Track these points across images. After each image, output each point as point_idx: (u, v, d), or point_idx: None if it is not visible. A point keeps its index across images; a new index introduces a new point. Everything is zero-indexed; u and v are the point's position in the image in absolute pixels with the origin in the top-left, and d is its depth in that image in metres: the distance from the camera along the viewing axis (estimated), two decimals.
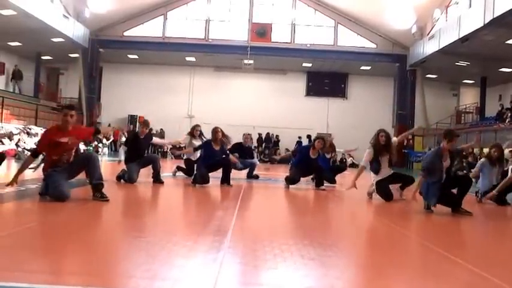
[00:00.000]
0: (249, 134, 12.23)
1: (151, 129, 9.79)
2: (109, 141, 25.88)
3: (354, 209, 6.75)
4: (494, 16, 16.87)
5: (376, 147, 7.45)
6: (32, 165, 6.21)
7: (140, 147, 8.95)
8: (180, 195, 8.05)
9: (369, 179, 7.70)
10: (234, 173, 10.90)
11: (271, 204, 7.46)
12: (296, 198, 8.10)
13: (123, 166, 8.86)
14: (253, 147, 27.88)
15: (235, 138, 11.91)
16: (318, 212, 7.00)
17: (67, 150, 5.66)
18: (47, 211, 5.24)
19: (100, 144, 24.30)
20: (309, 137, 23.75)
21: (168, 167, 11.00)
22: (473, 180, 7.12)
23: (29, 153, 16.03)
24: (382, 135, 7.42)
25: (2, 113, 19.96)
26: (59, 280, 2.73)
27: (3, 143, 16.59)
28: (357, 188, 7.48)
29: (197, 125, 10.95)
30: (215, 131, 9.15)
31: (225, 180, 8.77)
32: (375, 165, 7.51)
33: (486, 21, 17.55)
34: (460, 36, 19.92)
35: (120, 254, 3.46)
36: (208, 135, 9.87)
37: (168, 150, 22.53)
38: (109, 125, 28.68)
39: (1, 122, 19.27)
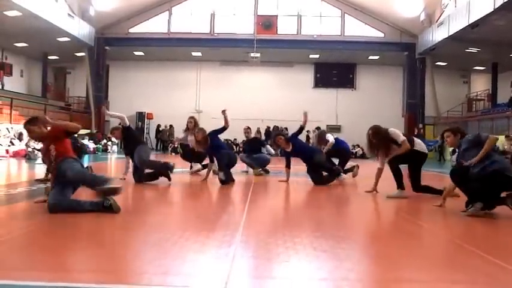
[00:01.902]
0: (247, 127, 11.90)
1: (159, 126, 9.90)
2: (118, 140, 25.92)
3: (367, 202, 6.67)
4: (505, 0, 16.59)
5: (368, 146, 7.18)
6: None
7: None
8: (190, 190, 8.02)
9: (375, 168, 7.41)
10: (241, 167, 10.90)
11: (282, 197, 7.40)
12: (308, 191, 8.03)
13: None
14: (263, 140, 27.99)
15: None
16: (329, 205, 6.94)
17: (51, 155, 5.06)
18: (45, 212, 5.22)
19: (109, 143, 24.37)
20: (318, 128, 23.62)
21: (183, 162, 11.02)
22: None
23: (39, 152, 16.14)
24: (368, 133, 7.04)
25: (11, 113, 20.03)
26: (72, 278, 2.71)
27: (13, 144, 16.66)
28: (377, 191, 7.16)
29: (189, 117, 10.67)
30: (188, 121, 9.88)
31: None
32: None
33: (496, 6, 17.27)
34: (470, 22, 19.60)
35: (132, 250, 3.44)
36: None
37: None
38: (119, 124, 28.75)
39: (10, 123, 19.36)
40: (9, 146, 16.56)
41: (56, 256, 3.19)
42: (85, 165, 6.50)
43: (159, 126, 28.93)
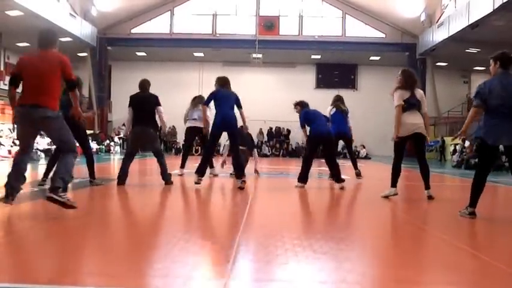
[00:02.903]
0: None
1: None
2: (120, 138, 26.00)
3: (367, 204, 6.72)
4: (504, 1, 16.62)
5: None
6: None
7: None
8: (189, 191, 8.07)
9: (377, 169, 7.50)
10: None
11: (282, 199, 7.41)
12: (307, 193, 8.06)
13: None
14: (260, 140, 28.16)
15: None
16: (329, 206, 6.99)
17: None
18: (56, 212, 5.28)
19: (112, 143, 24.44)
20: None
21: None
22: None
23: (42, 154, 16.20)
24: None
25: (13, 114, 20.11)
26: (72, 280, 2.74)
27: (16, 144, 16.73)
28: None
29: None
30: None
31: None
32: None
33: (496, 6, 17.30)
34: (470, 23, 19.65)
35: (132, 253, 3.48)
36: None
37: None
38: (123, 125, 28.79)
39: (13, 123, 19.40)
40: (11, 146, 16.63)
41: (55, 258, 3.24)
42: None
43: (161, 127, 28.91)
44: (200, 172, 7.69)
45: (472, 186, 5.12)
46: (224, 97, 7.96)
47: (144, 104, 8.11)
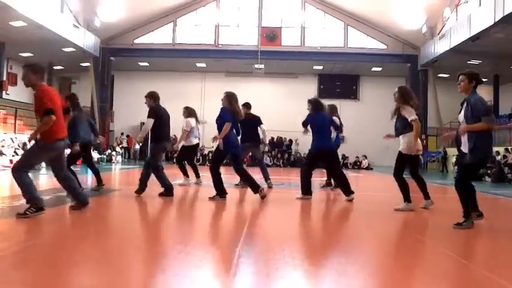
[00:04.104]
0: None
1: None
2: (122, 148, 26.07)
3: (369, 216, 6.71)
4: (505, 14, 16.73)
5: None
6: None
7: None
8: (190, 203, 8.08)
9: (382, 182, 7.54)
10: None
11: (283, 211, 7.39)
12: (309, 205, 8.04)
13: None
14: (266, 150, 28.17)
15: None
16: (330, 219, 6.99)
17: None
18: (52, 225, 5.30)
19: (114, 153, 24.48)
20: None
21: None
22: None
23: (43, 163, 16.22)
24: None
25: (15, 123, 20.19)
26: None
27: (17, 154, 16.78)
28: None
29: (184, 108, 11.03)
30: None
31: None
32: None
33: (497, 19, 17.42)
34: (471, 35, 19.79)
35: (132, 265, 3.50)
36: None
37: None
38: (122, 134, 28.90)
39: (15, 132, 19.49)
40: (13, 156, 16.68)
41: (56, 270, 3.24)
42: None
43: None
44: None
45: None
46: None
47: (168, 118, 8.26)
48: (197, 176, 10.54)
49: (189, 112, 10.78)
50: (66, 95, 8.87)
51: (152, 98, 8.27)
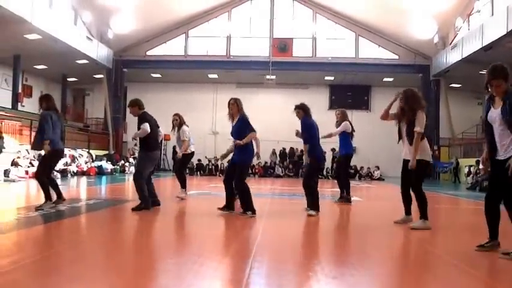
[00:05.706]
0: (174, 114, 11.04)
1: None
2: (134, 159, 26.19)
3: (383, 229, 6.69)
4: None
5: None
6: None
7: None
8: (202, 215, 8.12)
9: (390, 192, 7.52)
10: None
11: (296, 222, 7.39)
12: (320, 217, 8.03)
13: None
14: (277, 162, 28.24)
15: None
16: (342, 230, 6.99)
17: None
18: (65, 236, 5.37)
19: (127, 164, 24.64)
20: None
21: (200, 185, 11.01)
22: None
23: (58, 174, 16.45)
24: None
25: (30, 135, 20.41)
26: None
27: (33, 165, 16.95)
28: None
29: (174, 115, 10.71)
30: None
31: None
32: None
33: (509, 29, 17.36)
34: (483, 45, 19.70)
35: (147, 276, 3.55)
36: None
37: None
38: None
39: (30, 144, 19.68)
40: (28, 167, 16.88)
41: (69, 282, 3.29)
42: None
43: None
44: None
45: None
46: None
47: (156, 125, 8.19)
48: (183, 186, 9.99)
49: (181, 119, 10.44)
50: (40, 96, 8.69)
51: (137, 105, 7.97)
